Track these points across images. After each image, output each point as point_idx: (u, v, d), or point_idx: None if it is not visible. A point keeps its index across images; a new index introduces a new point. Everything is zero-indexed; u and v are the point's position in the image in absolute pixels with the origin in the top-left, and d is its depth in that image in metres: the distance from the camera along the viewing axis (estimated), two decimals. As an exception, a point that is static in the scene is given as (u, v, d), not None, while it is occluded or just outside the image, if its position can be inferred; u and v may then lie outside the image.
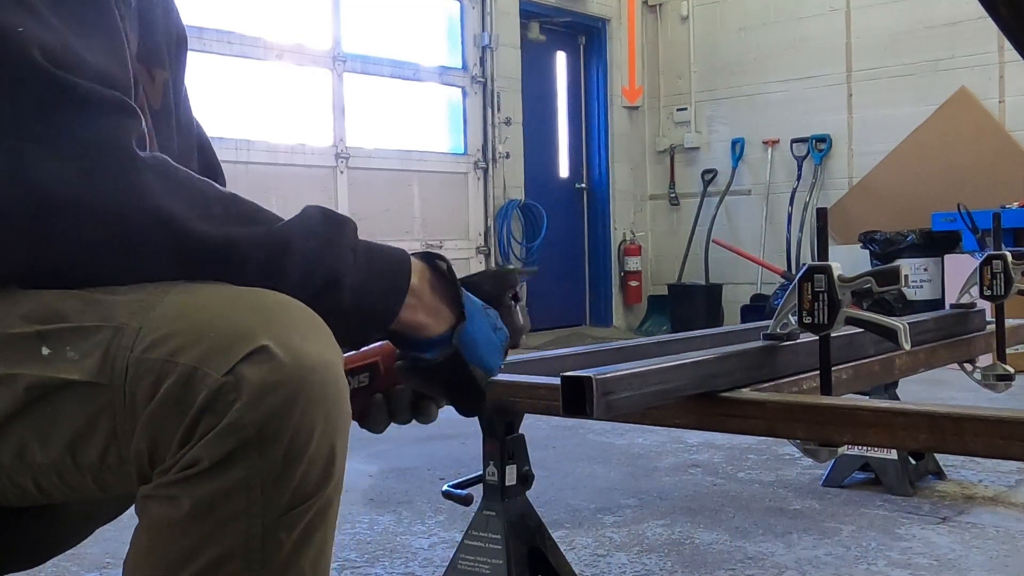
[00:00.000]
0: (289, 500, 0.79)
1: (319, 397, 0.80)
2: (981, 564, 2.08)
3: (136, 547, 0.81)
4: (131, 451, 0.80)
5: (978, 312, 2.39)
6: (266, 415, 0.77)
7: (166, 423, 0.78)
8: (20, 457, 0.82)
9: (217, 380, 0.77)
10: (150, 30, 1.03)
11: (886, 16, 7.08)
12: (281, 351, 0.78)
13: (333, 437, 0.81)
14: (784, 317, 1.60)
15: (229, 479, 0.77)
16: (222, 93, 5.60)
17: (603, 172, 8.09)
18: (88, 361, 0.79)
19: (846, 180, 7.31)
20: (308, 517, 0.81)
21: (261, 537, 0.78)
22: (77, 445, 0.81)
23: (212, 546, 0.78)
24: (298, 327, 0.81)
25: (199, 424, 0.77)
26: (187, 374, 0.77)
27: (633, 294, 8.07)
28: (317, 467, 0.80)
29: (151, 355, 0.78)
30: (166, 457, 0.78)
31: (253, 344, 0.78)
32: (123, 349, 0.79)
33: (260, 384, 0.77)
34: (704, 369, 1.45)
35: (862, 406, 1.35)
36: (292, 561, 0.80)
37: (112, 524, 1.16)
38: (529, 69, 7.44)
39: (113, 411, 0.79)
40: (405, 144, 6.58)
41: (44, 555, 1.09)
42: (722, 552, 2.20)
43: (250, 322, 0.79)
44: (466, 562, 1.78)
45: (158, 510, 0.79)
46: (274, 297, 0.83)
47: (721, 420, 1.45)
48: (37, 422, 0.81)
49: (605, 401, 1.28)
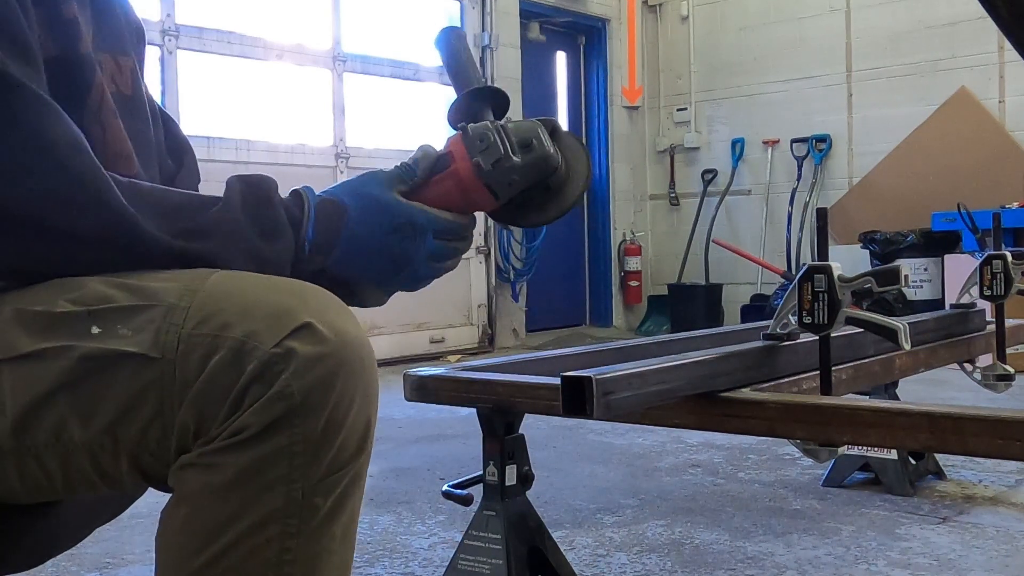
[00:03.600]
0: (327, 468, 0.83)
1: (358, 371, 0.84)
2: (981, 564, 2.08)
3: (171, 519, 0.83)
4: (176, 425, 0.82)
5: (978, 312, 2.39)
6: (311, 385, 0.81)
7: (215, 394, 0.81)
8: (57, 436, 0.84)
9: (267, 352, 0.81)
10: (109, 18, 1.05)
11: (886, 16, 7.08)
12: (324, 327, 0.83)
13: (368, 410, 0.86)
14: (784, 317, 1.60)
15: (274, 445, 0.80)
16: (222, 93, 5.60)
17: (603, 172, 8.09)
18: (141, 335, 0.83)
19: (846, 180, 7.31)
20: (343, 485, 0.84)
21: (300, 502, 0.82)
22: (121, 421, 0.83)
23: (253, 511, 0.81)
24: (332, 307, 0.86)
25: (247, 393, 0.80)
26: (237, 347, 0.81)
27: (633, 294, 8.07)
28: (354, 437, 0.84)
29: (202, 330, 0.82)
30: (211, 429, 0.81)
31: (298, 320, 0.82)
32: (174, 326, 0.83)
33: (307, 356, 0.81)
34: (704, 369, 1.45)
35: (862, 406, 1.35)
36: (326, 526, 0.84)
37: (112, 524, 1.16)
38: (529, 69, 7.44)
39: (162, 385, 0.82)
40: (405, 144, 6.57)
41: (44, 555, 1.09)
42: (722, 552, 2.20)
43: (291, 302, 0.84)
44: (466, 562, 1.78)
45: (197, 478, 0.81)
46: (303, 283, 0.88)
47: (721, 420, 1.45)
48: (84, 395, 0.83)
49: (605, 401, 1.28)
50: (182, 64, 5.35)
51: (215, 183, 0.93)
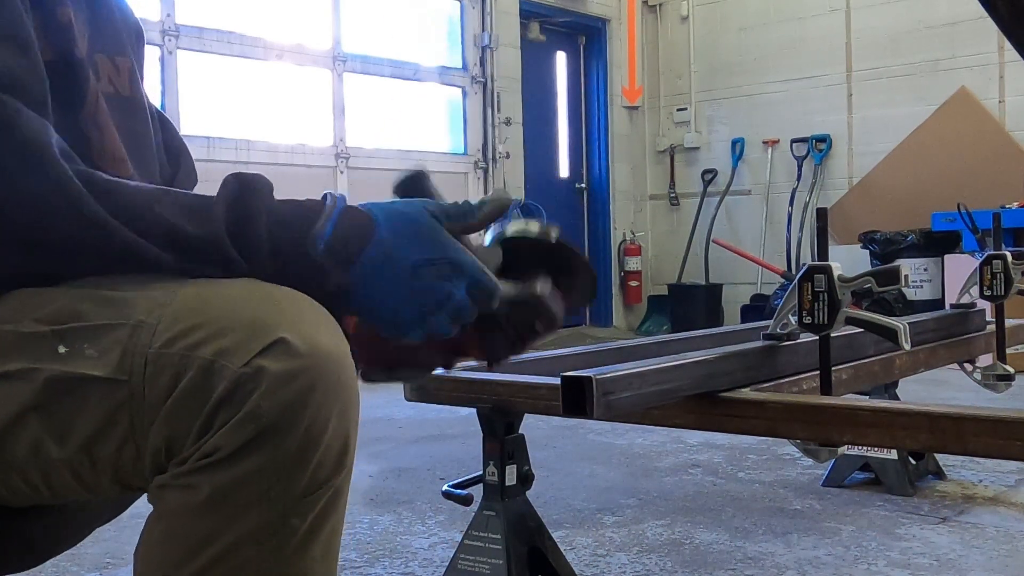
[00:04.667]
0: (304, 487, 0.81)
1: (335, 387, 0.81)
2: (981, 564, 2.08)
3: (150, 534, 0.82)
4: (148, 446, 0.80)
5: (978, 312, 2.39)
6: (284, 404, 0.78)
7: (184, 416, 0.79)
8: (35, 453, 0.83)
9: (235, 372, 0.78)
10: (106, 20, 1.04)
11: (886, 16, 7.08)
12: (298, 342, 0.79)
13: (347, 426, 0.83)
14: (784, 317, 1.60)
15: (247, 466, 0.78)
16: (222, 93, 5.60)
17: (603, 172, 8.09)
18: (107, 357, 0.81)
19: (846, 180, 7.31)
20: (321, 504, 0.82)
21: (276, 523, 0.80)
22: (94, 441, 0.81)
23: (228, 531, 0.79)
24: (309, 318, 0.83)
25: (217, 415, 0.78)
26: (206, 367, 0.78)
27: (633, 294, 8.07)
28: (331, 455, 0.82)
29: (169, 350, 0.80)
30: (183, 450, 0.79)
31: (271, 336, 0.79)
32: (141, 345, 0.80)
33: (278, 375, 0.78)
34: (704, 369, 1.45)
35: (862, 406, 1.35)
36: (305, 546, 0.82)
37: (112, 524, 1.16)
38: (529, 69, 7.44)
39: (131, 407, 0.80)
40: (405, 144, 6.57)
41: (44, 555, 1.09)
42: (722, 552, 2.20)
43: (265, 314, 0.81)
44: (466, 562, 1.78)
45: (175, 497, 0.80)
46: (282, 289, 0.84)
47: (721, 420, 1.45)
48: (55, 417, 0.82)
49: (605, 401, 1.28)
50: (182, 64, 5.35)
51: (214, 184, 0.91)
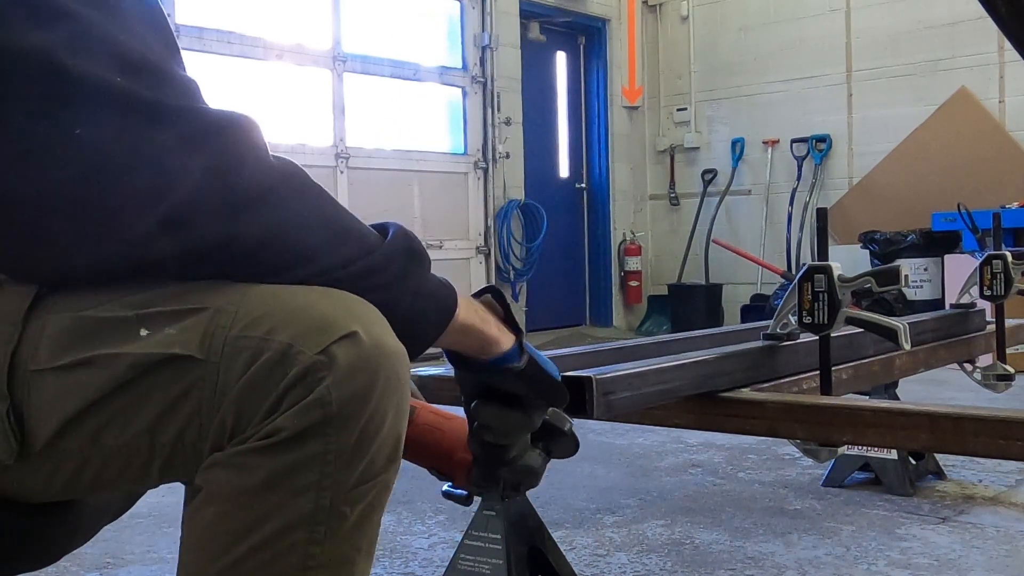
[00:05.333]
0: (358, 478, 0.83)
1: (395, 384, 0.85)
2: (981, 564, 2.08)
3: (199, 516, 0.83)
4: (213, 425, 0.82)
5: (978, 312, 2.39)
6: (350, 395, 0.82)
7: (256, 395, 0.81)
8: (94, 440, 0.84)
9: (310, 357, 0.81)
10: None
11: (886, 16, 7.08)
12: (367, 338, 0.83)
13: (401, 424, 0.87)
14: (784, 317, 1.60)
15: (307, 451, 0.81)
16: (222, 93, 5.60)
17: (603, 172, 8.09)
18: (187, 335, 0.83)
19: (846, 180, 7.31)
20: (371, 496, 0.85)
21: (328, 510, 0.82)
22: (159, 422, 0.83)
23: (280, 515, 0.81)
24: (376, 320, 0.87)
25: (286, 397, 0.81)
26: (282, 351, 0.81)
27: (633, 294, 8.07)
28: (386, 449, 0.85)
29: (248, 334, 0.82)
30: (247, 428, 0.81)
31: (345, 329, 0.83)
32: (221, 328, 0.83)
33: (348, 365, 0.82)
34: (704, 369, 1.45)
35: (862, 406, 1.35)
36: (352, 535, 0.84)
37: (112, 524, 1.16)
38: (529, 69, 7.44)
39: (203, 387, 0.82)
40: (405, 144, 6.58)
41: (59, 553, 1.09)
42: (722, 552, 2.20)
43: (337, 311, 0.84)
44: (466, 562, 1.78)
45: (227, 479, 0.81)
46: (350, 294, 0.88)
47: (721, 420, 1.45)
48: (129, 400, 0.83)
49: (605, 401, 1.28)
50: (182, 64, 5.35)
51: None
